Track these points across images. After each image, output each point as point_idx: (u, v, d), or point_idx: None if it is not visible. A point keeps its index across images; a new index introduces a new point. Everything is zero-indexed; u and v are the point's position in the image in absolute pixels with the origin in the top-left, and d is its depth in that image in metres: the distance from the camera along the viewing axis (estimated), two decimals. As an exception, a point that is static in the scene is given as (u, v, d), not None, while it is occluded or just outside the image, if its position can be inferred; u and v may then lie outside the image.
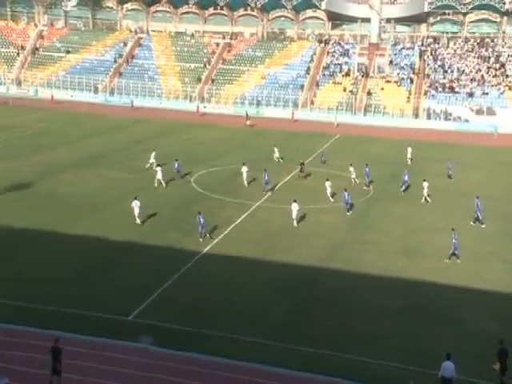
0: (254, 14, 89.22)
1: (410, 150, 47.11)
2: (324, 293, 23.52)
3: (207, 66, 78.99)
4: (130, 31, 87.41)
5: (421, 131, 62.91)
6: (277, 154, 45.61)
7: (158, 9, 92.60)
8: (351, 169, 39.40)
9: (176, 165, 39.37)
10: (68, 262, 25.03)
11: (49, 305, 20.97)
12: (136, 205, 29.78)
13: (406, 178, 38.30)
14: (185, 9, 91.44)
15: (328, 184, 35.55)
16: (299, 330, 20.50)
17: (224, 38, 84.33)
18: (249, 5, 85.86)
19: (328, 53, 79.58)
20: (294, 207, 30.83)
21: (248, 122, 62.22)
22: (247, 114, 64.03)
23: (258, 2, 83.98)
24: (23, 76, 79.13)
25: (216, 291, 23.11)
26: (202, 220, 28.16)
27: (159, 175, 36.88)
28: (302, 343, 19.43)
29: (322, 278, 25.04)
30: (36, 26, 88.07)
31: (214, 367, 17.99)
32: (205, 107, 71.60)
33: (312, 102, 72.21)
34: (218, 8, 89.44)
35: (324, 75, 76.02)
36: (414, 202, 36.11)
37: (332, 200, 35.20)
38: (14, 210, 31.14)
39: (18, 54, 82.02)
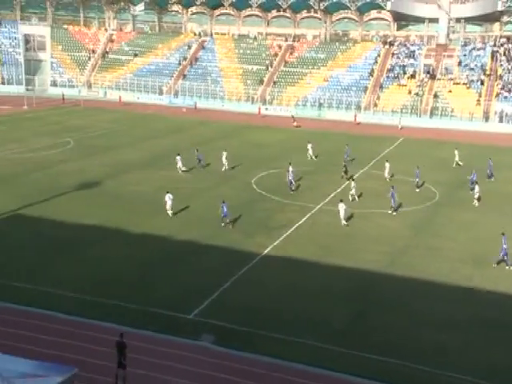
0: (317, 15, 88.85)
1: (456, 152, 45.40)
2: (386, 299, 23.10)
3: (269, 69, 79.34)
4: (195, 34, 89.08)
5: (491, 135, 60.72)
6: (310, 152, 45.91)
7: (222, 12, 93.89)
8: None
9: (198, 154, 41.95)
10: (132, 258, 25.77)
11: (115, 299, 21.68)
12: (169, 198, 31.29)
13: (475, 177, 37.58)
14: (248, 11, 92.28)
15: (353, 185, 35.39)
16: (361, 336, 20.22)
17: (286, 40, 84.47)
18: (312, 7, 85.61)
19: (393, 54, 78.15)
20: (341, 207, 30.97)
21: (295, 124, 62.60)
22: (293, 116, 64.53)
23: (321, 4, 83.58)
24: (93, 79, 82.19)
25: (276, 293, 23.15)
26: (225, 209, 29.76)
27: (179, 164, 40.02)
28: (364, 350, 19.16)
29: (384, 284, 24.59)
30: (106, 30, 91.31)
31: (272, 369, 18.04)
32: (266, 109, 71.95)
33: (375, 105, 71.15)
34: (281, 10, 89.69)
35: (388, 77, 74.71)
36: (482, 208, 34.88)
37: (355, 198, 35.00)
38: (83, 207, 32.39)
39: (90, 57, 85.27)
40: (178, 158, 40.78)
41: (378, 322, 21.22)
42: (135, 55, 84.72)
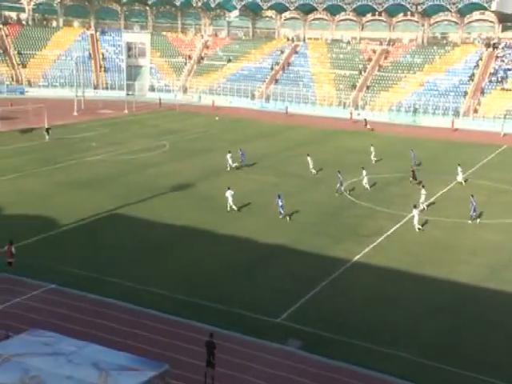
0: (414, 18, 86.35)
1: None
2: (484, 314, 21.88)
3: (363, 73, 78.12)
4: (288, 39, 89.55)
5: None
6: (373, 155, 45.56)
7: (316, 16, 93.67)
8: None
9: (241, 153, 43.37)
10: (221, 260, 26.22)
11: (205, 300, 22.14)
12: (230, 194, 32.60)
13: None
14: (342, 16, 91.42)
15: (423, 192, 33.96)
16: (452, 350, 19.29)
17: (381, 44, 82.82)
18: (409, 10, 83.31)
19: (497, 57, 74.29)
20: (415, 212, 30.50)
21: (368, 126, 62.65)
22: (365, 119, 64.61)
23: (419, 7, 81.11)
24: (189, 83, 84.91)
25: (365, 302, 22.65)
26: (280, 203, 31.46)
27: (229, 161, 41.48)
28: (459, 366, 18.24)
29: (482, 298, 23.31)
30: (202, 36, 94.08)
31: (356, 377, 17.65)
32: (359, 114, 70.85)
33: (475, 111, 67.91)
34: (376, 14, 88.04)
35: (491, 81, 71.09)
36: None
37: (424, 207, 33.67)
38: (175, 208, 33.44)
39: (186, 63, 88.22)
40: (229, 155, 42.15)
41: (470, 338, 20.16)
42: (229, 60, 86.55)
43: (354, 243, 28.72)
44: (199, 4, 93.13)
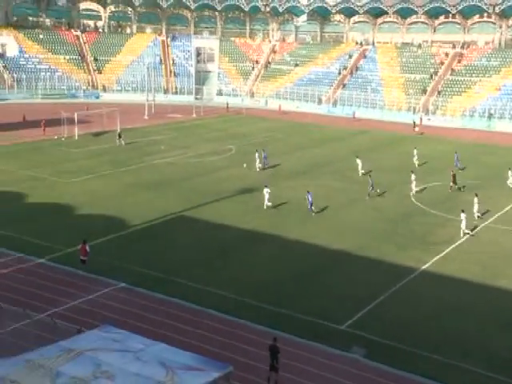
0: (491, 20, 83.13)
1: None
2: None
3: (434, 77, 75.96)
4: (356, 43, 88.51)
5: None
6: (415, 159, 45.71)
7: (385, 20, 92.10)
8: None
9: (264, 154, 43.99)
10: (286, 264, 26.16)
11: (269, 304, 22.14)
12: (266, 192, 33.66)
13: None
14: (413, 19, 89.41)
15: (476, 201, 32.90)
16: (529, 368, 18.32)
17: (454, 47, 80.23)
18: (485, 11, 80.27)
19: None
20: (463, 217, 29.93)
21: (416, 129, 62.50)
22: (414, 122, 64.09)
23: (496, 8, 77.97)
24: (256, 88, 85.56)
25: (433, 312, 21.95)
26: (310, 198, 32.91)
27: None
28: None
29: (559, 313, 22.03)
30: (269, 41, 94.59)
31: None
32: (429, 120, 68.91)
33: (555, 116, 64.52)
34: (450, 16, 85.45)
35: None
36: None
37: (479, 215, 32.79)
38: (241, 211, 33.67)
39: (253, 68, 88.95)
40: (257, 155, 43.27)
41: (550, 356, 19.05)
42: (296, 65, 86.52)
43: (422, 251, 27.93)
44: (267, 9, 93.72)
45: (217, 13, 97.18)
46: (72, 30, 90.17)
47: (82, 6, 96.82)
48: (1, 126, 56.27)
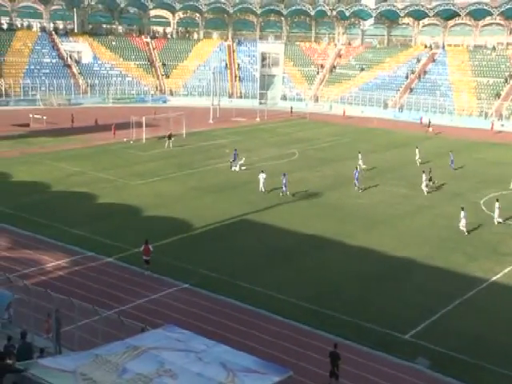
0: None
1: None
2: None
3: (509, 81, 72.89)
4: (425, 46, 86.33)
5: None
6: (417, 157, 46.26)
7: (457, 22, 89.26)
8: None
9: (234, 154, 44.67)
10: (349, 271, 25.82)
11: (331, 310, 21.92)
12: (262, 177, 36.78)
13: None
14: (487, 20, 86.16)
15: (497, 205, 32.21)
16: None
17: (531, 49, 76.80)
18: None
19: None
20: (463, 215, 30.46)
21: (430, 130, 63.11)
22: (429, 121, 64.66)
23: None
24: (320, 92, 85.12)
25: (502, 324, 21.09)
26: (284, 180, 36.50)
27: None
28: None
29: None
30: (335, 45, 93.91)
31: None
32: (502, 125, 66.19)
33: None
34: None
35: None
36: None
37: (499, 221, 32.08)
38: (304, 216, 33.55)
39: (318, 72, 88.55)
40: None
41: None
42: (362, 69, 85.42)
43: (492, 262, 26.86)
44: (334, 13, 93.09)
45: (282, 17, 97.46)
46: (142, 37, 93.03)
47: (152, 13, 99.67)
48: (76, 129, 58.77)
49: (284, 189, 37.11)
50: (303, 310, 22.01)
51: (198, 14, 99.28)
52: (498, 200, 32.77)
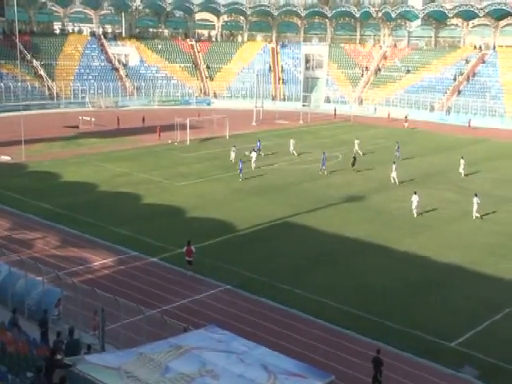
0: None
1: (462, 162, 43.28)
2: None
3: (561, 83, 70.37)
4: (475, 48, 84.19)
5: None
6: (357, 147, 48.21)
7: (509, 22, 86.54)
8: None
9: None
10: (393, 276, 25.40)
11: (375, 315, 21.60)
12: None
13: None
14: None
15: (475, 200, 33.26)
16: None
17: None
18: None
19: None
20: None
21: (406, 125, 65.80)
22: (406, 117, 67.39)
23: None
24: (365, 95, 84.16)
25: (556, 336, 20.23)
26: (240, 165, 40.64)
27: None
28: None
29: None
30: (380, 47, 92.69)
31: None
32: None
33: None
34: None
35: None
36: None
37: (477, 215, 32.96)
38: (346, 219, 33.22)
39: (362, 74, 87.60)
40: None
41: None
42: (408, 71, 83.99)
43: (544, 270, 25.89)
44: (379, 15, 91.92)
45: (327, 19, 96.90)
46: (187, 40, 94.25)
47: (198, 16, 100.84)
48: (122, 131, 60.05)
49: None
50: (345, 314, 21.77)
51: (242, 17, 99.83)
52: (476, 194, 33.86)
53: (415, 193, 33.86)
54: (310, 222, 32.26)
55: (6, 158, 46.12)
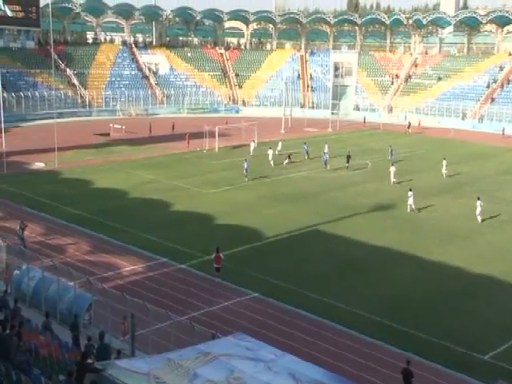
0: None
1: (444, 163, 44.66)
2: None
3: None
4: (509, 54, 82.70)
5: None
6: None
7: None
8: None
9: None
10: (424, 285, 25.05)
11: (404, 325, 21.32)
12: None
13: None
14: None
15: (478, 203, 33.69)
16: None
17: None
18: None
19: None
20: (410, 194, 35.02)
21: (409, 130, 67.11)
22: (409, 123, 68.68)
23: None
24: (394, 103, 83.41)
25: None
26: (245, 165, 41.54)
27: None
28: None
29: None
30: (411, 54, 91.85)
31: None
32: None
33: None
34: None
35: None
36: None
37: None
38: (375, 228, 32.91)
39: (392, 82, 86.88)
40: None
41: None
42: (439, 79, 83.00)
43: None
44: (410, 22, 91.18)
45: (356, 27, 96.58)
46: (217, 48, 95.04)
47: (227, 24, 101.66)
48: (152, 138, 60.79)
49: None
50: (374, 323, 21.53)
51: (271, 25, 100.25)
52: (479, 197, 34.28)
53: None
54: (339, 230, 32.06)
55: (40, 165, 47.16)
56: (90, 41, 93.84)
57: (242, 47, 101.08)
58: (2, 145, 47.08)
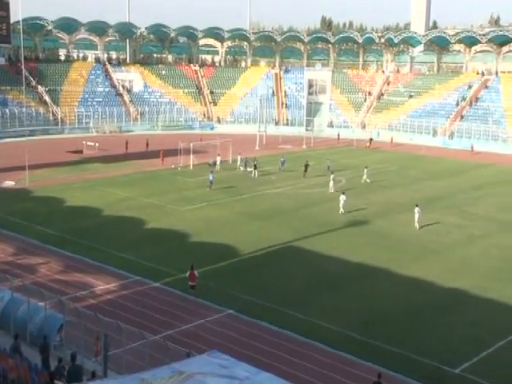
0: None
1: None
2: None
3: None
4: (477, 73, 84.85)
5: None
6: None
7: (511, 48, 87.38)
8: None
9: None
10: (396, 300, 25.23)
11: (378, 340, 21.42)
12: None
13: None
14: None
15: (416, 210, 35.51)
16: None
17: None
18: None
19: None
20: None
21: (368, 145, 70.26)
22: (371, 139, 71.40)
23: None
24: (368, 120, 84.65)
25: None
26: (211, 177, 44.63)
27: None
28: None
29: None
30: (383, 72, 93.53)
31: None
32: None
33: None
34: None
35: None
36: None
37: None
38: (350, 243, 33.14)
39: (365, 99, 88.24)
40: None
41: None
42: (410, 96, 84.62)
43: (549, 295, 25.67)
44: (382, 40, 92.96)
45: (330, 45, 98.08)
46: (191, 65, 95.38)
47: (202, 42, 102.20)
48: (126, 155, 60.40)
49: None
50: (349, 338, 21.59)
51: (245, 43, 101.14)
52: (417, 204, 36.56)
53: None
54: (314, 247, 32.19)
55: (10, 183, 46.36)
56: (63, 58, 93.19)
57: (217, 64, 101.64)
58: (-29, 163, 46.27)
